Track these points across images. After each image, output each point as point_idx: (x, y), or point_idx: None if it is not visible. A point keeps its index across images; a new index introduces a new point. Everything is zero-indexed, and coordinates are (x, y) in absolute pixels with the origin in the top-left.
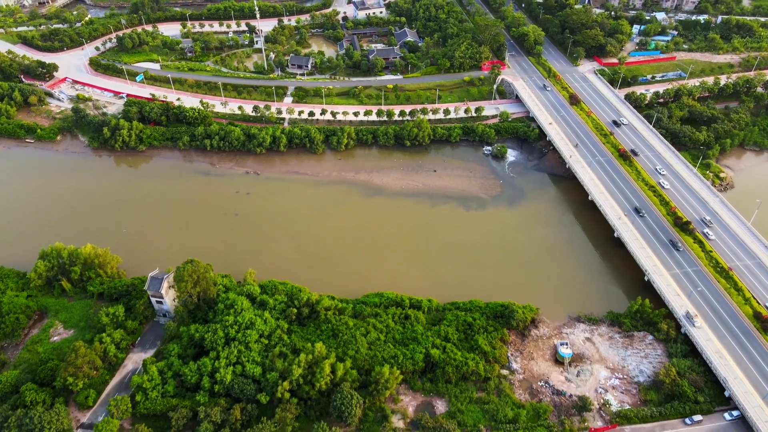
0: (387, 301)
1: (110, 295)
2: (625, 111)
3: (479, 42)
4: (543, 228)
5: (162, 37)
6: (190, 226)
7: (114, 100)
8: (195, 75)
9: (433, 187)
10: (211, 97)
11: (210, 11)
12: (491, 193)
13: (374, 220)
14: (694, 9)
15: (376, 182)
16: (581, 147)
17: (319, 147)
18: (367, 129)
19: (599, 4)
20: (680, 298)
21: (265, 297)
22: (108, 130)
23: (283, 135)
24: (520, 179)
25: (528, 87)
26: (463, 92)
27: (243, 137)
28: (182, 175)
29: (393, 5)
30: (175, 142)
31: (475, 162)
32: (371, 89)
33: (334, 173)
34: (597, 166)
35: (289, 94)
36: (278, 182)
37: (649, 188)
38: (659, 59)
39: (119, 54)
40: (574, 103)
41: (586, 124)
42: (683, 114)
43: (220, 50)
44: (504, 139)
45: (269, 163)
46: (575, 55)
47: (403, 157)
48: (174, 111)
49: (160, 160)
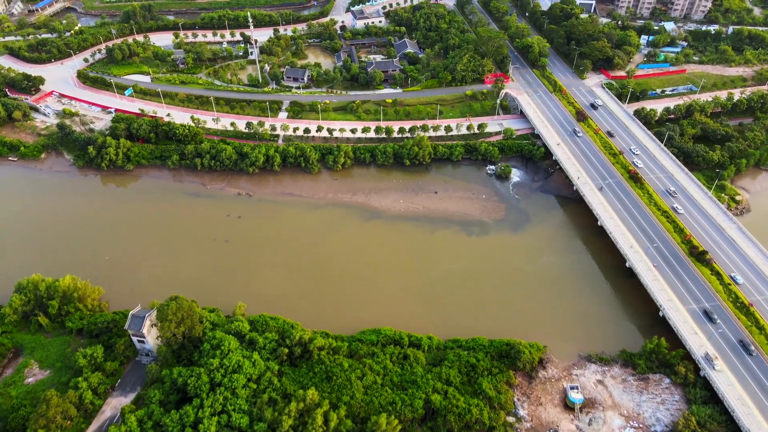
0: (385, 338)
1: (90, 331)
2: (635, 128)
3: (482, 54)
4: (549, 255)
5: (153, 47)
6: (178, 252)
7: (102, 115)
8: (186, 88)
9: (434, 210)
10: (203, 112)
11: (204, 20)
12: (495, 217)
13: (371, 247)
14: (703, 18)
15: (374, 205)
16: (589, 168)
17: (315, 166)
18: (365, 147)
19: (606, 13)
20: (698, 337)
21: (255, 335)
22: (94, 149)
23: (276, 154)
24: (525, 201)
25: (533, 102)
26: (465, 107)
27: (235, 156)
28: (171, 197)
29: (393, 15)
30: (164, 160)
31: (478, 182)
32: (369, 104)
33: (330, 195)
34: (606, 188)
35: (284, 109)
36: (271, 205)
37: (662, 213)
38: (669, 72)
39: (108, 66)
40: (582, 119)
41: (594, 143)
42: (696, 132)
43: (213, 62)
44: (508, 157)
45: (262, 183)
46: (582, 67)
47: (402, 177)
48: (163, 128)
49: (148, 180)
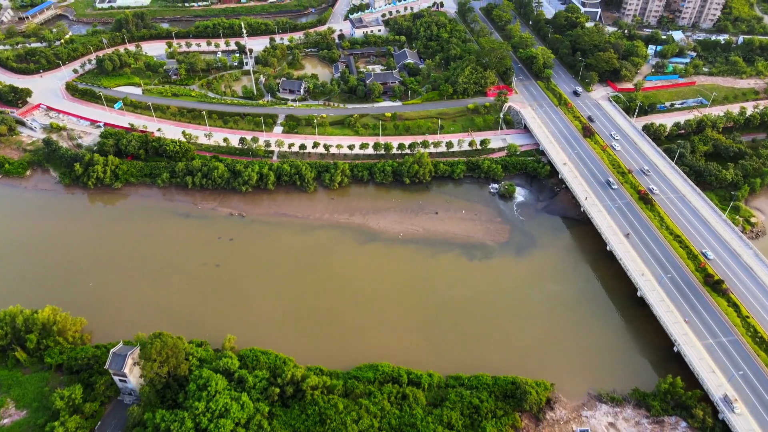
0: (382, 375)
1: (70, 367)
2: (644, 145)
3: (484, 66)
4: (556, 282)
5: (145, 57)
6: (166, 278)
7: (90, 129)
8: (178, 101)
9: (435, 232)
10: (195, 127)
11: (198, 29)
12: (498, 240)
13: (369, 272)
14: (712, 27)
15: (371, 226)
16: (597, 188)
17: (311, 185)
18: (363, 164)
19: (611, 22)
20: (716, 376)
21: (244, 373)
22: (80, 166)
23: (271, 172)
24: (530, 223)
25: (537, 116)
26: (467, 121)
27: (227, 174)
28: (160, 217)
29: (392, 23)
30: (154, 178)
31: (481, 202)
32: (368, 118)
33: (326, 215)
34: (615, 210)
35: (279, 123)
36: (264, 226)
37: (674, 238)
38: (678, 84)
39: (99, 77)
40: (588, 135)
41: (601, 161)
42: (707, 149)
43: (207, 72)
44: (512, 175)
45: (256, 202)
46: (588, 80)
47: (401, 196)
48: (153, 144)
49: (137, 200)
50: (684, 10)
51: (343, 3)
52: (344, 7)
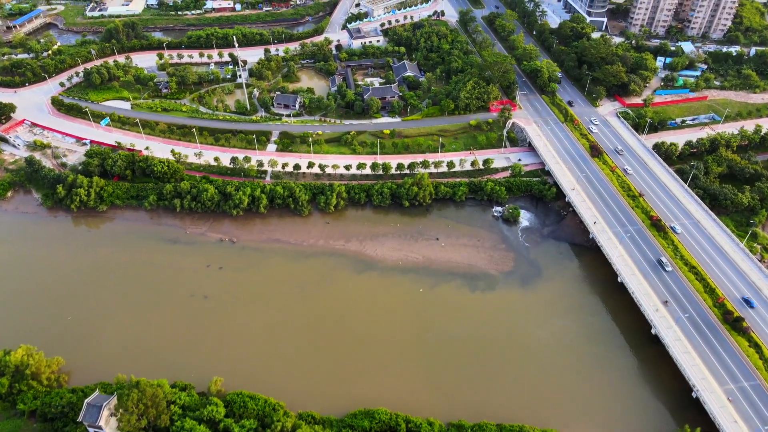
0: (379, 424)
1: (44, 414)
2: (655, 165)
3: (487, 80)
4: (564, 317)
5: (135, 69)
6: (150, 311)
7: (76, 146)
8: (168, 117)
9: (435, 260)
10: (185, 145)
11: (190, 39)
12: (502, 269)
13: (365, 306)
14: (723, 38)
15: (369, 253)
16: (607, 213)
17: (305, 208)
18: (360, 186)
19: (618, 31)
20: (739, 426)
21: (230, 423)
22: (63, 188)
23: (263, 195)
24: (536, 250)
25: (542, 134)
26: (470, 138)
27: (218, 197)
28: (146, 243)
29: (391, 33)
30: (141, 201)
31: (484, 227)
32: (365, 135)
33: (320, 241)
34: (626, 237)
35: (273, 141)
36: (256, 253)
37: (690, 269)
38: (689, 99)
39: (86, 90)
40: (596, 155)
41: (610, 183)
42: (722, 170)
43: (198, 86)
44: (516, 197)
45: (248, 226)
46: (595, 95)
47: (400, 220)
48: (140, 164)
49: (123, 224)
50: (693, 20)
51: (341, 11)
52: (342, 16)
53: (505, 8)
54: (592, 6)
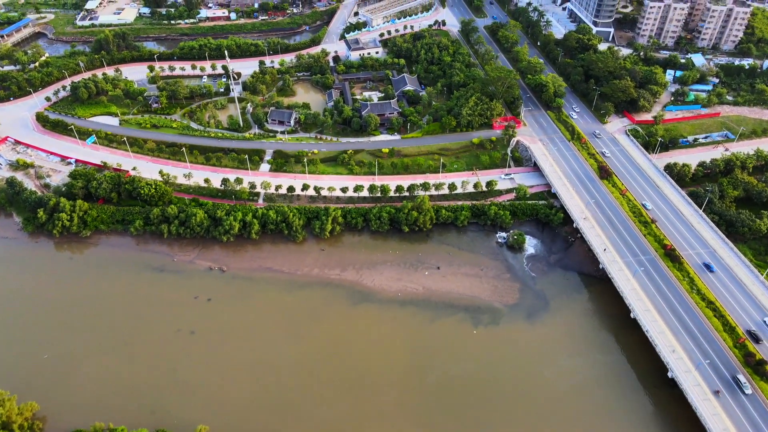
0: None
1: None
2: (666, 188)
3: (490, 95)
4: (573, 356)
5: (125, 82)
6: (133, 348)
7: (61, 166)
8: (158, 133)
9: (436, 291)
10: (175, 164)
11: (183, 50)
12: (506, 301)
13: (361, 342)
14: (734, 50)
15: (365, 284)
16: (618, 241)
17: (299, 234)
18: (357, 210)
19: (625, 42)
20: None
21: None
22: (44, 213)
23: (255, 220)
24: (542, 280)
25: (548, 153)
26: (472, 157)
27: (207, 222)
28: (131, 272)
29: (391, 44)
30: (127, 226)
31: (487, 255)
32: (363, 154)
33: (315, 270)
34: (639, 270)
35: (266, 160)
36: (247, 282)
37: (707, 305)
38: (701, 115)
39: (73, 105)
40: (605, 176)
41: (620, 207)
42: (738, 193)
43: (190, 100)
44: (521, 222)
45: (239, 253)
46: (603, 111)
47: (399, 246)
48: (126, 186)
49: (107, 250)
50: (704, 31)
51: (339, 20)
52: (340, 25)
53: (508, 18)
54: (599, 16)
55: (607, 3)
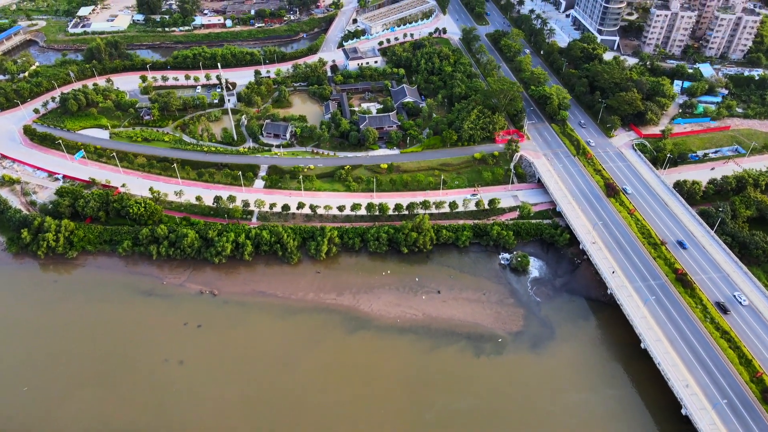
0: None
1: None
2: (676, 207)
3: (492, 108)
4: (580, 390)
5: (115, 92)
6: (118, 379)
7: (48, 182)
8: (149, 147)
9: (436, 317)
10: (166, 180)
11: (176, 59)
12: (510, 328)
13: (357, 373)
14: (743, 59)
15: (363, 309)
16: (626, 264)
17: (294, 255)
18: (354, 230)
19: (631, 51)
20: None
21: None
22: (29, 233)
23: (248, 241)
24: (548, 306)
25: (553, 169)
26: (474, 173)
27: (198, 243)
28: (118, 296)
29: (390, 53)
30: (115, 246)
31: (490, 277)
32: (361, 169)
33: (310, 294)
34: (648, 293)
35: (260, 176)
36: (238, 308)
37: (722, 335)
38: (711, 129)
39: (62, 118)
40: (612, 194)
41: (629, 228)
42: (751, 213)
43: (183, 111)
44: (525, 242)
45: (231, 275)
46: (609, 125)
47: (398, 268)
48: (114, 205)
49: (94, 272)
50: (712, 40)
51: (338, 28)
52: (338, 33)
53: (510, 25)
54: (604, 24)
55: (612, 10)
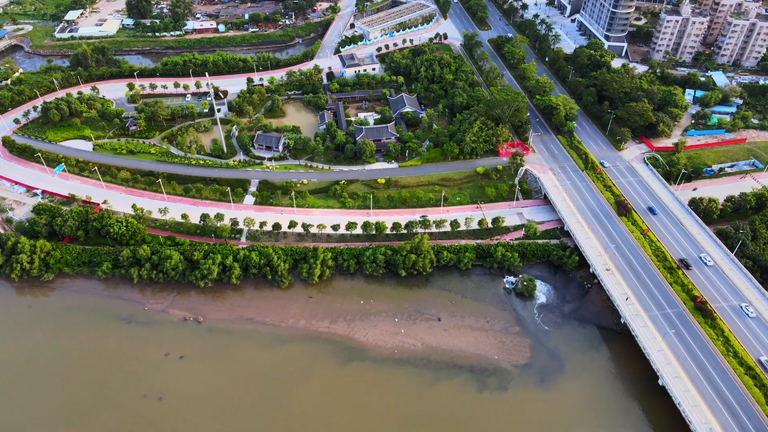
0: None
1: None
2: (692, 226)
3: (496, 119)
4: (594, 430)
5: (101, 101)
6: (92, 417)
7: (26, 198)
8: (134, 160)
9: (437, 348)
10: (151, 196)
11: (166, 66)
12: (516, 360)
13: (350, 409)
14: (757, 66)
15: (358, 338)
16: (641, 290)
17: (285, 279)
18: (349, 251)
19: (640, 58)
20: None
21: None
22: (2, 255)
23: (236, 263)
24: (556, 335)
25: (560, 184)
26: (476, 188)
27: (183, 265)
28: (95, 323)
29: (388, 60)
30: (94, 268)
31: (494, 303)
32: (357, 184)
33: (301, 321)
34: (665, 324)
35: (251, 192)
36: (224, 336)
37: (746, 371)
38: (726, 141)
39: (44, 128)
40: (623, 212)
41: (642, 250)
42: None
43: (171, 121)
44: (531, 265)
45: (217, 300)
46: (618, 137)
47: (396, 293)
48: (94, 224)
49: (71, 296)
50: (724, 46)
51: (334, 33)
52: (335, 38)
53: (514, 31)
54: (611, 29)
55: (620, 15)
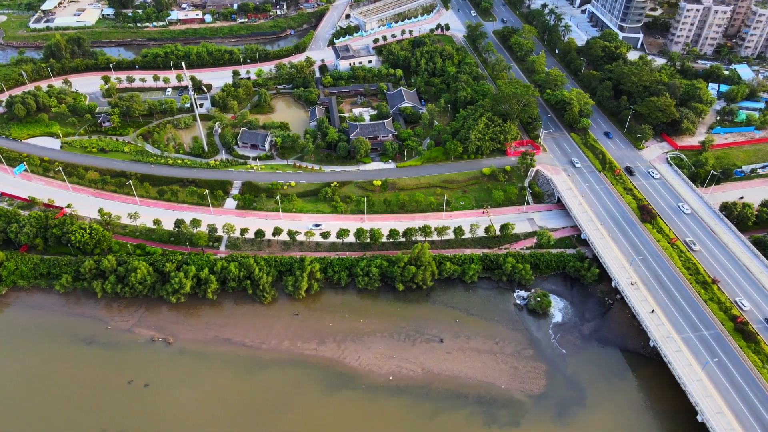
0: None
1: None
2: (725, 234)
3: (503, 116)
4: None
5: (72, 95)
6: None
7: None
8: (106, 159)
9: (438, 374)
10: (121, 199)
11: (146, 58)
12: (530, 390)
13: None
14: None
15: (348, 363)
16: (672, 308)
17: (267, 294)
18: (340, 262)
19: (656, 51)
20: None
21: None
22: None
23: (212, 276)
24: (575, 359)
25: (575, 187)
26: (482, 191)
27: (152, 278)
28: (51, 345)
29: (386, 52)
30: (52, 281)
31: (503, 322)
32: (350, 186)
33: (285, 342)
34: (703, 349)
35: (232, 195)
36: (197, 360)
37: None
38: (756, 140)
39: (8, 124)
40: (647, 219)
41: (671, 262)
42: None
43: (148, 117)
44: (545, 278)
45: (191, 318)
46: (638, 134)
47: (392, 309)
48: (54, 231)
49: (25, 314)
50: (748, 38)
51: (328, 23)
52: (329, 29)
53: (521, 22)
54: (626, 20)
55: (636, 5)
